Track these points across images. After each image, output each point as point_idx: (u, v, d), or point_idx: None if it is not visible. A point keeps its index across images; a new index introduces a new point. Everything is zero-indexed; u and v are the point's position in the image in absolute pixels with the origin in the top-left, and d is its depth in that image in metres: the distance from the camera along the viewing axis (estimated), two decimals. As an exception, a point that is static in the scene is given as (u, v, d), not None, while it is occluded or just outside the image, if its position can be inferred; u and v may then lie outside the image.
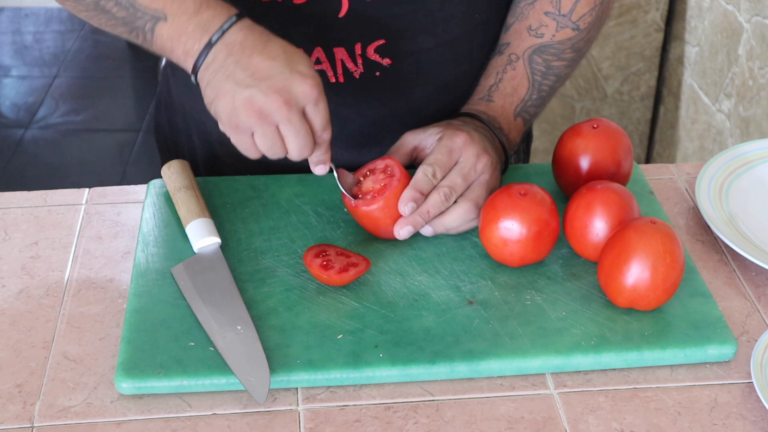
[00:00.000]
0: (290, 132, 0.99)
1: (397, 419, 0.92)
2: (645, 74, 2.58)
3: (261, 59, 0.98)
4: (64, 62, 3.69)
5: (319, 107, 1.00)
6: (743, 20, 2.13)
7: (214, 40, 0.99)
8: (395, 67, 1.18)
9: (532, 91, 1.18)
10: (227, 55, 0.99)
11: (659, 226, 0.99)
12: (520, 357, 0.96)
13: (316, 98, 0.99)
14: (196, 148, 1.31)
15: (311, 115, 1.00)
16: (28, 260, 1.10)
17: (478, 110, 1.17)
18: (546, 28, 1.17)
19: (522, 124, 1.18)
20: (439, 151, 1.08)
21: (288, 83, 0.97)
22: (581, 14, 1.17)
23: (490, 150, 1.11)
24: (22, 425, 0.92)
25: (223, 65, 0.99)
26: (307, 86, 0.98)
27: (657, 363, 0.98)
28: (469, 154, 1.08)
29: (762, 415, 0.93)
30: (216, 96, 0.99)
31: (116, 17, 1.04)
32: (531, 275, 1.06)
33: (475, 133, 1.10)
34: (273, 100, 0.97)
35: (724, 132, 2.25)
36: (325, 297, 1.02)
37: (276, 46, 1.00)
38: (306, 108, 0.99)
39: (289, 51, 1.00)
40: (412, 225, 1.06)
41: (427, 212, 1.06)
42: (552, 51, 1.17)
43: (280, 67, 0.98)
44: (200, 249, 1.08)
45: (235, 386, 0.94)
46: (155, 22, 1.02)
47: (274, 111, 0.97)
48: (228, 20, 1.00)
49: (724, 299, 1.06)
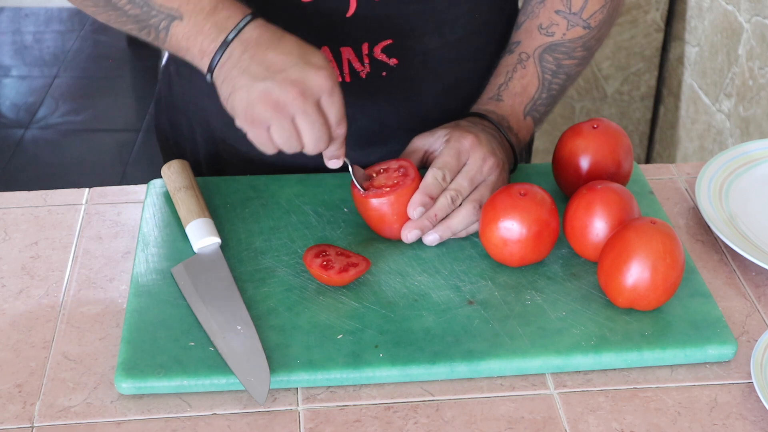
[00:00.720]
0: (306, 123, 1.00)
1: (397, 419, 0.92)
2: (645, 74, 2.58)
3: (275, 54, 0.99)
4: (64, 62, 3.69)
5: (334, 99, 1.01)
6: (743, 20, 2.13)
7: (230, 38, 1.01)
8: (402, 67, 1.19)
9: (542, 90, 1.18)
10: (242, 51, 1.00)
11: (659, 226, 0.99)
12: (520, 357, 0.96)
13: (331, 89, 1.00)
14: (200, 147, 1.31)
15: (326, 107, 1.01)
16: (28, 260, 1.10)
17: (488, 110, 1.17)
18: (557, 27, 1.17)
19: (532, 123, 1.19)
20: (448, 154, 1.09)
21: (303, 75, 0.99)
22: (592, 12, 1.17)
23: (497, 151, 1.11)
24: (22, 425, 0.92)
25: (238, 61, 1.00)
26: (322, 77, 0.99)
27: (657, 363, 0.98)
28: (476, 156, 1.09)
29: (762, 415, 0.93)
30: (232, 91, 1.00)
31: (128, 14, 1.05)
32: (531, 275, 1.06)
33: (482, 135, 1.11)
34: (288, 91, 0.98)
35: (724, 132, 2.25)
36: (325, 297, 1.02)
37: (290, 41, 1.01)
38: (321, 99, 1.00)
39: (303, 46, 1.01)
40: (420, 228, 1.07)
41: (434, 216, 1.07)
42: (563, 50, 1.17)
43: (294, 60, 0.99)
44: (200, 249, 1.08)
45: (235, 386, 0.94)
46: (170, 21, 1.02)
47: (290, 102, 0.98)
48: (243, 19, 1.01)
49: (724, 299, 1.06)
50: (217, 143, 1.29)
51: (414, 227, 1.07)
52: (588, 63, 1.22)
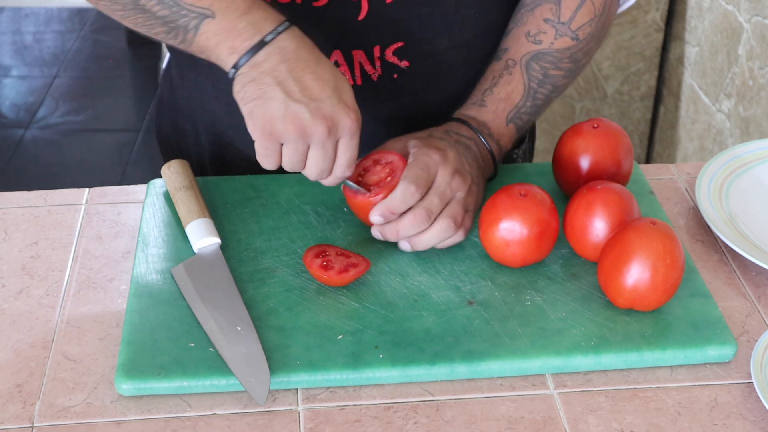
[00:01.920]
0: (319, 155, 1.02)
1: (397, 419, 0.92)
2: (645, 74, 2.58)
3: (313, 78, 1.00)
4: (64, 62, 3.69)
5: (354, 142, 1.02)
6: (743, 20, 2.13)
7: (268, 39, 1.00)
8: (413, 69, 1.19)
9: (526, 98, 1.18)
10: (281, 60, 1.00)
11: (659, 226, 0.99)
12: (520, 357, 0.96)
13: (354, 132, 1.02)
14: (204, 150, 1.31)
15: (343, 148, 1.02)
16: (28, 260, 1.10)
17: (468, 116, 1.16)
18: (545, 35, 1.17)
19: (515, 130, 1.18)
20: (417, 166, 1.07)
21: (335, 112, 1.00)
22: (580, 24, 1.17)
23: (467, 166, 1.09)
24: (22, 425, 0.92)
25: (274, 69, 1.00)
26: (351, 120, 1.01)
27: (657, 363, 0.98)
28: (444, 172, 1.07)
29: (762, 415, 0.93)
30: (260, 96, 1.00)
31: (157, 16, 1.04)
32: (531, 275, 1.06)
33: (450, 151, 1.09)
34: (319, 123, 0.99)
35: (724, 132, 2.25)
36: (325, 297, 1.02)
37: (326, 67, 1.02)
38: (341, 139, 1.02)
39: (337, 75, 1.02)
40: (382, 234, 1.08)
41: (396, 232, 1.06)
42: (549, 59, 1.17)
43: (329, 92, 1.00)
44: (200, 249, 1.08)
45: (235, 387, 0.94)
46: (201, 20, 1.02)
47: (316, 134, 1.00)
48: (282, 24, 1.01)
49: (724, 299, 1.06)
50: (222, 146, 1.29)
51: (378, 231, 1.08)
52: (575, 77, 1.22)
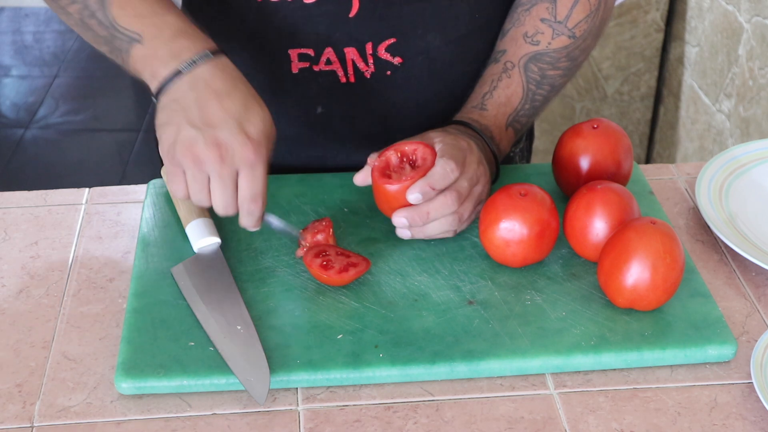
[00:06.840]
0: (218, 187, 0.99)
1: (397, 419, 0.92)
2: (645, 74, 2.58)
3: (217, 107, 0.98)
4: (64, 62, 3.69)
5: (255, 174, 0.99)
6: (743, 20, 2.13)
7: (183, 69, 1.00)
8: (406, 65, 1.19)
9: (525, 101, 1.18)
10: (190, 88, 1.00)
11: (659, 226, 0.99)
12: (520, 357, 0.96)
13: (253, 163, 0.98)
14: None
15: (242, 180, 0.99)
16: (28, 260, 1.10)
17: (471, 119, 1.16)
18: (542, 36, 1.17)
19: (513, 134, 1.18)
20: (452, 147, 1.06)
21: (230, 141, 0.98)
22: (577, 21, 1.17)
23: (483, 160, 1.10)
24: (22, 425, 0.92)
25: (183, 97, 0.99)
26: (248, 150, 0.98)
27: (657, 363, 0.98)
28: (472, 158, 1.08)
29: (762, 415, 0.93)
30: (165, 122, 1.00)
31: (99, 35, 1.06)
32: (531, 275, 1.06)
33: (473, 141, 1.10)
34: (210, 151, 0.97)
35: (724, 132, 2.25)
36: (325, 297, 1.02)
37: (238, 97, 1.00)
38: (240, 171, 0.99)
39: (249, 107, 1.00)
40: (408, 219, 1.05)
41: (427, 214, 1.05)
42: (547, 59, 1.17)
43: (230, 122, 0.98)
44: (200, 249, 1.08)
45: (235, 386, 0.94)
46: (132, 44, 1.03)
47: (208, 162, 0.98)
48: (201, 54, 1.01)
49: (724, 299, 1.06)
50: None
51: (404, 215, 1.05)
52: (572, 75, 1.22)
